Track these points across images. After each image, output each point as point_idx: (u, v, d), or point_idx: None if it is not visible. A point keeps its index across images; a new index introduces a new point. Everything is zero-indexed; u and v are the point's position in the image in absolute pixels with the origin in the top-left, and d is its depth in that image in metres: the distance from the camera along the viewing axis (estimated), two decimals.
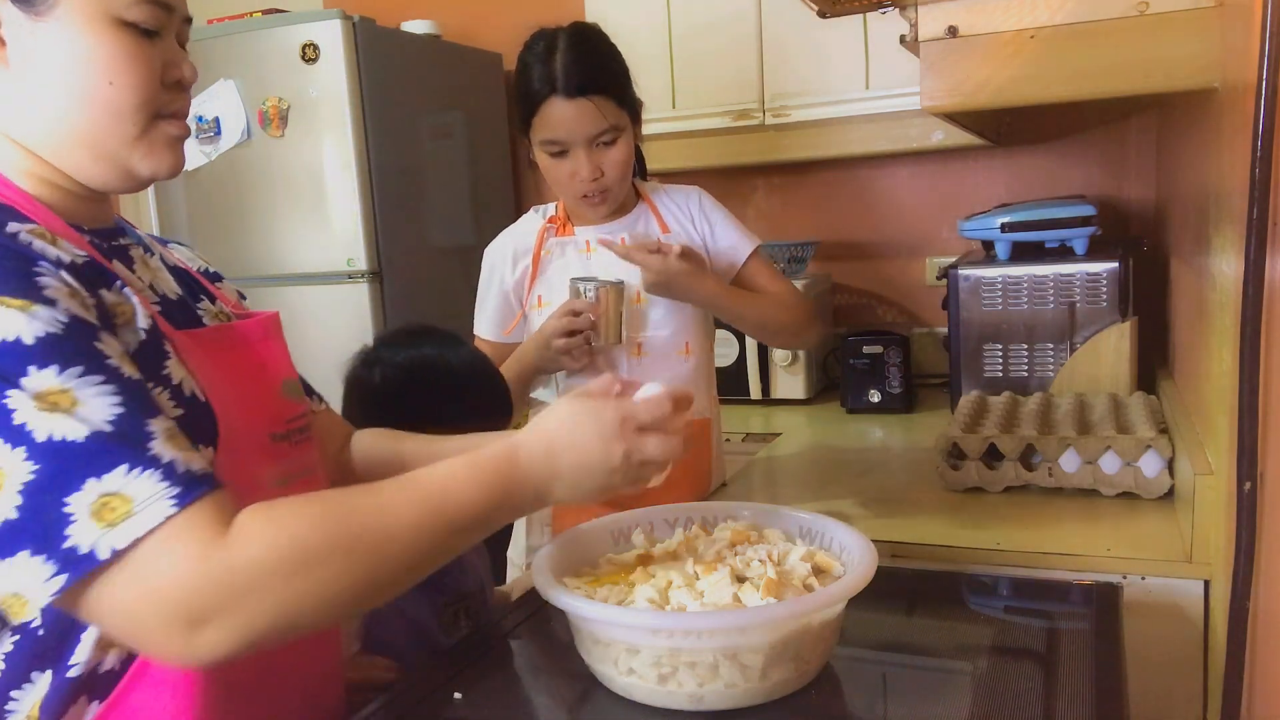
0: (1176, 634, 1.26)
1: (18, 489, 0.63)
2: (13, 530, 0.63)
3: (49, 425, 0.64)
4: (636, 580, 0.92)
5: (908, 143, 2.20)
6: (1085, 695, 0.85)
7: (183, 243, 1.04)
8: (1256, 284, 0.98)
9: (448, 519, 0.78)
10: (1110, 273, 1.83)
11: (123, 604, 0.65)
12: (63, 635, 0.75)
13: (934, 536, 1.38)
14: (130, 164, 0.81)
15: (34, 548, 0.63)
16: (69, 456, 0.64)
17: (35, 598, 0.64)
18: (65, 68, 0.76)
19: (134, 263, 0.86)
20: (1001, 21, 1.26)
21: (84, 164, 0.80)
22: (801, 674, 0.87)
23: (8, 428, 0.64)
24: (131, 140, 0.80)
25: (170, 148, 0.82)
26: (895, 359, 2.20)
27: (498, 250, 1.61)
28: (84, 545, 0.63)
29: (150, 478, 0.65)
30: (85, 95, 0.77)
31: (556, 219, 1.59)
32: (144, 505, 0.64)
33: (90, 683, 0.77)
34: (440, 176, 2.63)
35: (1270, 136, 0.95)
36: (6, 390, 0.64)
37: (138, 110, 0.79)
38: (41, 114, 0.78)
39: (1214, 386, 1.21)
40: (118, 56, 0.77)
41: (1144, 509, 1.44)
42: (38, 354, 0.66)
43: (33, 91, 0.77)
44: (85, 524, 0.63)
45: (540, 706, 0.95)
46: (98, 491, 0.64)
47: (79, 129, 0.78)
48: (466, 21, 2.83)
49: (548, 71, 1.42)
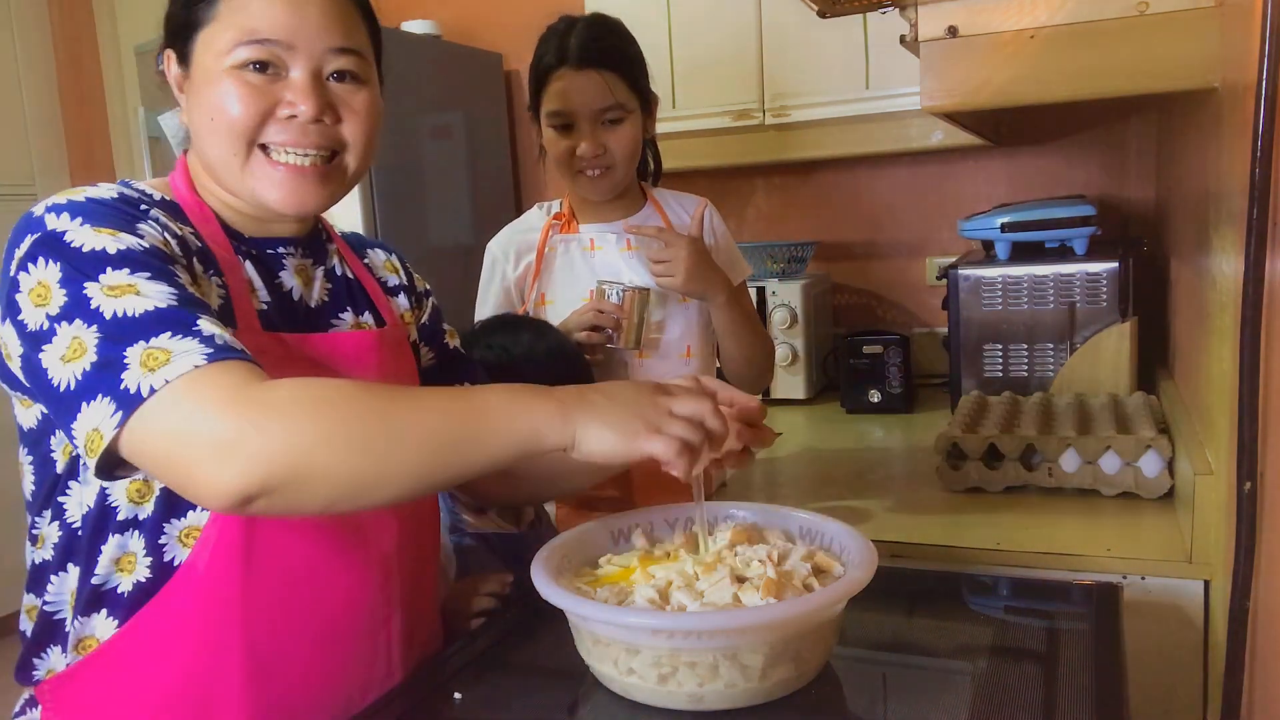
0: (1176, 634, 1.26)
1: (93, 349, 0.77)
2: (90, 379, 0.77)
3: (114, 305, 0.78)
4: (636, 580, 0.92)
5: (908, 143, 2.20)
6: (1085, 695, 0.85)
7: (388, 249, 1.16)
8: (1256, 284, 0.98)
9: (471, 407, 0.80)
10: (1110, 273, 1.83)
11: (162, 441, 0.75)
12: (92, 539, 0.88)
13: (934, 536, 1.38)
14: (250, 191, 0.93)
15: (104, 391, 0.76)
16: (128, 325, 0.77)
17: (106, 431, 0.75)
18: (195, 110, 0.93)
19: (284, 269, 0.98)
20: (1001, 21, 1.26)
21: (225, 187, 0.95)
22: (801, 674, 0.87)
23: (85, 310, 0.78)
24: (239, 170, 0.92)
25: (276, 180, 0.92)
26: (895, 359, 2.20)
27: (500, 246, 1.61)
28: (133, 386, 0.75)
29: (190, 340, 0.77)
30: (201, 132, 0.93)
31: (561, 215, 1.58)
32: (179, 356, 0.76)
33: (106, 597, 0.88)
34: (440, 176, 2.62)
35: (1270, 136, 0.95)
36: (85, 284, 0.79)
37: (233, 142, 0.91)
38: (197, 148, 0.96)
39: (1214, 386, 1.21)
40: (217, 97, 0.90)
41: (1144, 509, 1.44)
42: (115, 260, 0.81)
43: (193, 131, 0.95)
44: (135, 370, 0.75)
45: (540, 706, 0.95)
46: (145, 348, 0.76)
47: (207, 159, 0.94)
48: (466, 21, 2.83)
49: (561, 45, 1.44)
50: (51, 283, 0.80)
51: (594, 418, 0.80)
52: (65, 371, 0.78)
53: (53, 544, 0.90)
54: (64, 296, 0.79)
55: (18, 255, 0.83)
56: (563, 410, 0.80)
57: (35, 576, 0.92)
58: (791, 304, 2.30)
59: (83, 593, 0.89)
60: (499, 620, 1.13)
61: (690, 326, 1.57)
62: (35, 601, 0.92)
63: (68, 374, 0.78)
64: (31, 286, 0.81)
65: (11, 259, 0.83)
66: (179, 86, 0.96)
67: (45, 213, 0.84)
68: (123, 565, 0.88)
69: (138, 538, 0.88)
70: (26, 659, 0.92)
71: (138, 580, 0.88)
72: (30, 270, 0.81)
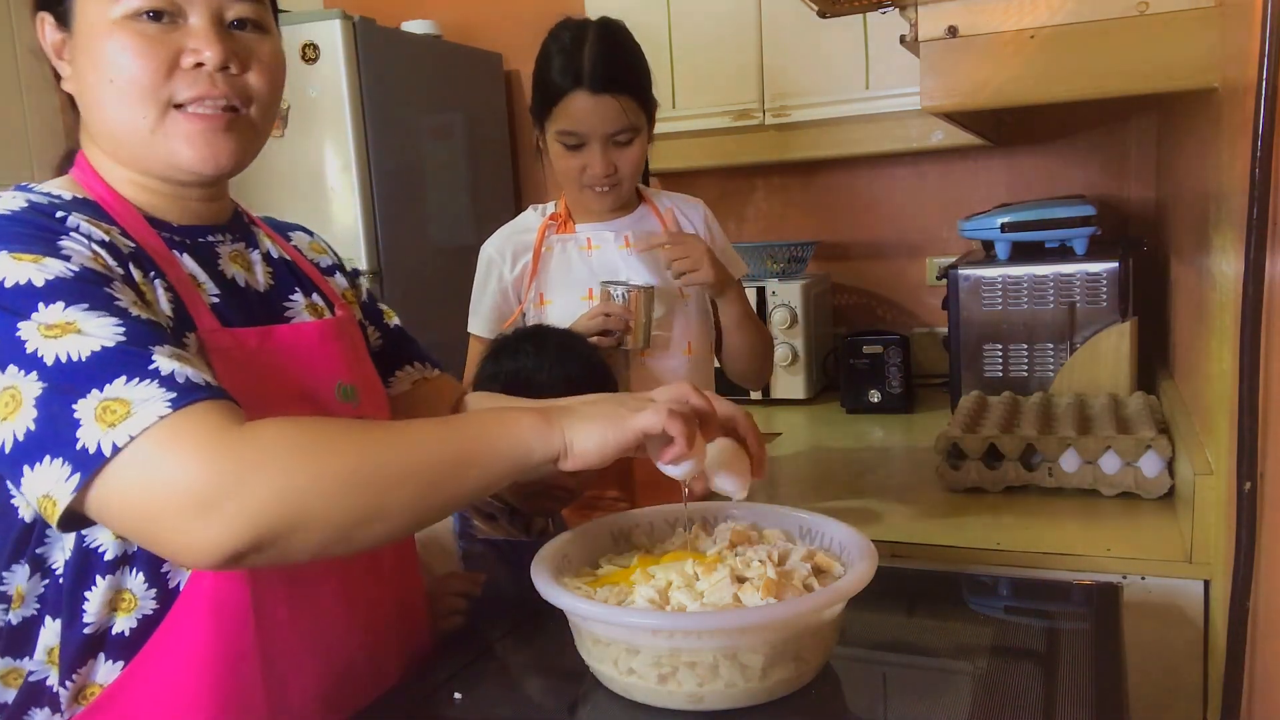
0: (1176, 634, 1.26)
1: (32, 404, 0.69)
2: (35, 440, 0.69)
3: (55, 348, 0.70)
4: (636, 580, 0.92)
5: (908, 143, 2.20)
6: (1085, 695, 0.85)
7: (307, 231, 1.09)
8: (1256, 284, 0.98)
9: (460, 436, 0.77)
10: (1110, 273, 1.83)
11: (133, 501, 0.69)
12: (75, 587, 0.80)
13: (934, 536, 1.38)
14: (165, 155, 0.84)
15: (52, 452, 0.68)
16: (74, 372, 0.69)
17: (60, 497, 0.68)
18: (85, 74, 0.82)
19: (219, 258, 0.91)
20: (1001, 21, 1.26)
21: (132, 160, 0.85)
22: (801, 674, 0.87)
23: (20, 355, 0.70)
24: (148, 133, 0.82)
25: (200, 138, 0.83)
26: (895, 359, 2.20)
27: (495, 247, 1.61)
28: (90, 445, 0.67)
29: (148, 385, 0.69)
30: (98, 97, 0.82)
31: (558, 216, 1.59)
32: (140, 406, 0.68)
33: (103, 642, 0.81)
34: (440, 176, 2.62)
35: (1270, 136, 0.95)
36: (18, 324, 0.70)
37: (141, 102, 0.81)
38: (90, 122, 0.85)
39: (1214, 386, 1.21)
40: (113, 53, 0.80)
41: (1144, 509, 1.44)
42: (45, 293, 0.72)
43: (82, 103, 0.85)
44: (90, 426, 0.68)
45: (540, 706, 0.95)
46: (99, 399, 0.68)
47: (108, 128, 0.84)
48: (466, 21, 2.83)
49: (574, 63, 1.42)
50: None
51: (578, 419, 0.80)
52: (1, 430, 0.69)
53: (36, 597, 0.82)
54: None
55: None
56: (546, 421, 0.79)
57: (14, 639, 0.82)
58: (791, 304, 2.30)
59: (70, 645, 0.81)
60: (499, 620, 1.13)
61: (689, 323, 1.57)
62: (14, 665, 0.83)
63: (4, 433, 0.69)
64: None
65: None
66: (58, 53, 0.84)
67: None
68: (117, 605, 0.81)
69: (134, 574, 0.81)
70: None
71: (142, 615, 0.82)
72: None
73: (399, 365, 1.11)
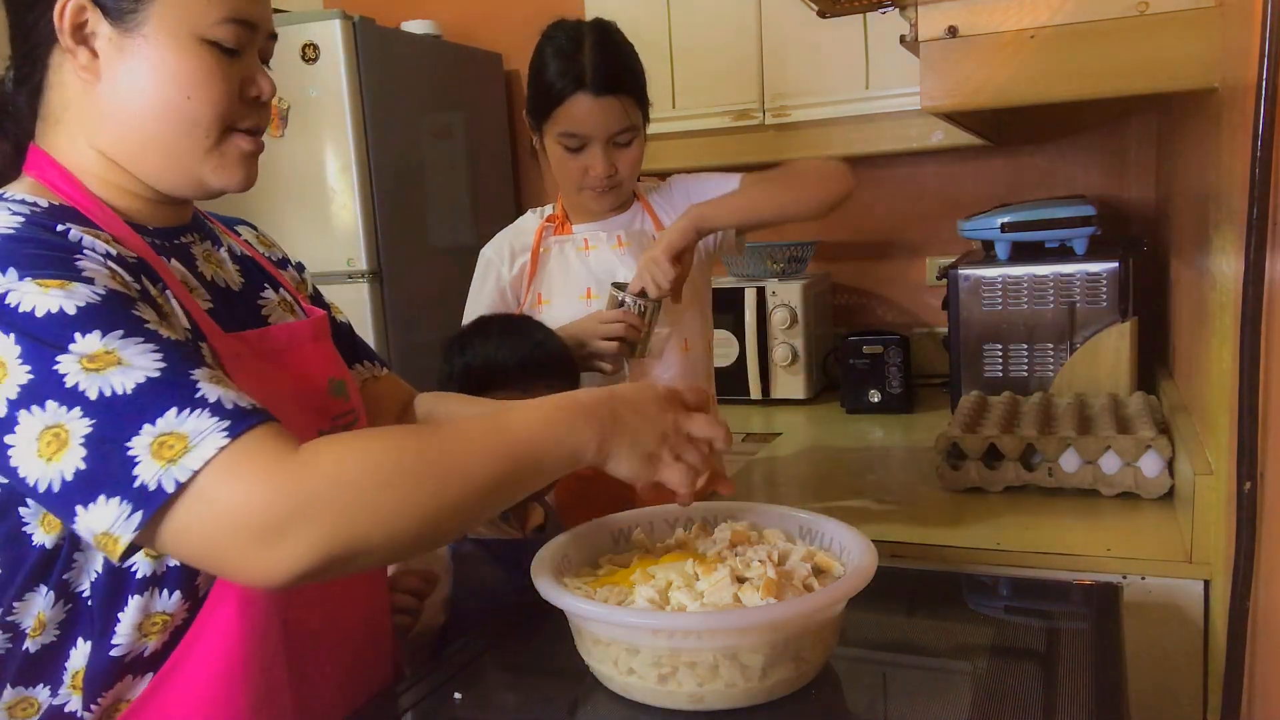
0: (1176, 634, 1.26)
1: (80, 443, 0.67)
2: (87, 479, 0.67)
3: (98, 383, 0.68)
4: (636, 580, 0.92)
5: (908, 143, 2.20)
6: (1085, 695, 0.85)
7: (250, 224, 1.07)
8: (1256, 284, 0.97)
9: (514, 450, 0.78)
10: (1110, 273, 1.83)
11: (200, 534, 0.68)
12: (107, 610, 0.79)
13: (934, 536, 1.38)
14: (202, 175, 0.85)
15: (109, 491, 0.67)
16: (121, 407, 0.68)
17: (123, 535, 0.67)
18: (148, 81, 0.81)
19: (195, 260, 0.90)
20: (1001, 21, 1.26)
21: (159, 172, 0.85)
22: (801, 674, 0.87)
23: (61, 390, 0.68)
24: (204, 152, 0.84)
25: (242, 162, 0.87)
26: (895, 359, 2.20)
27: (494, 249, 1.61)
28: (151, 483, 0.66)
29: (200, 416, 0.68)
30: (165, 107, 0.82)
31: (555, 217, 1.59)
32: (198, 439, 0.67)
33: (134, 664, 0.81)
34: (440, 176, 2.62)
35: (1270, 136, 0.95)
36: (56, 357, 0.68)
37: (212, 124, 0.84)
38: (124, 123, 0.83)
39: (1214, 386, 1.21)
40: (197, 72, 0.82)
41: (1144, 509, 1.44)
42: (80, 322, 0.70)
43: (118, 102, 0.82)
44: (148, 463, 0.67)
45: (540, 706, 0.95)
46: (153, 434, 0.67)
47: (157, 139, 0.83)
48: (466, 21, 2.83)
49: (574, 66, 1.42)
50: (8, 358, 0.68)
51: (625, 444, 0.84)
52: (45, 470, 0.67)
53: (58, 623, 0.79)
54: (28, 374, 0.68)
55: None
56: (600, 436, 0.83)
57: (30, 668, 0.80)
58: (791, 304, 2.30)
59: (97, 667, 0.79)
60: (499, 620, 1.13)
61: (684, 321, 1.56)
62: (25, 694, 0.80)
63: (51, 473, 0.67)
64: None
65: None
66: (87, 41, 0.81)
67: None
68: (148, 630, 0.80)
69: (165, 594, 0.80)
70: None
71: (175, 629, 0.81)
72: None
73: (351, 363, 1.10)
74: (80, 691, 0.80)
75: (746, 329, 2.33)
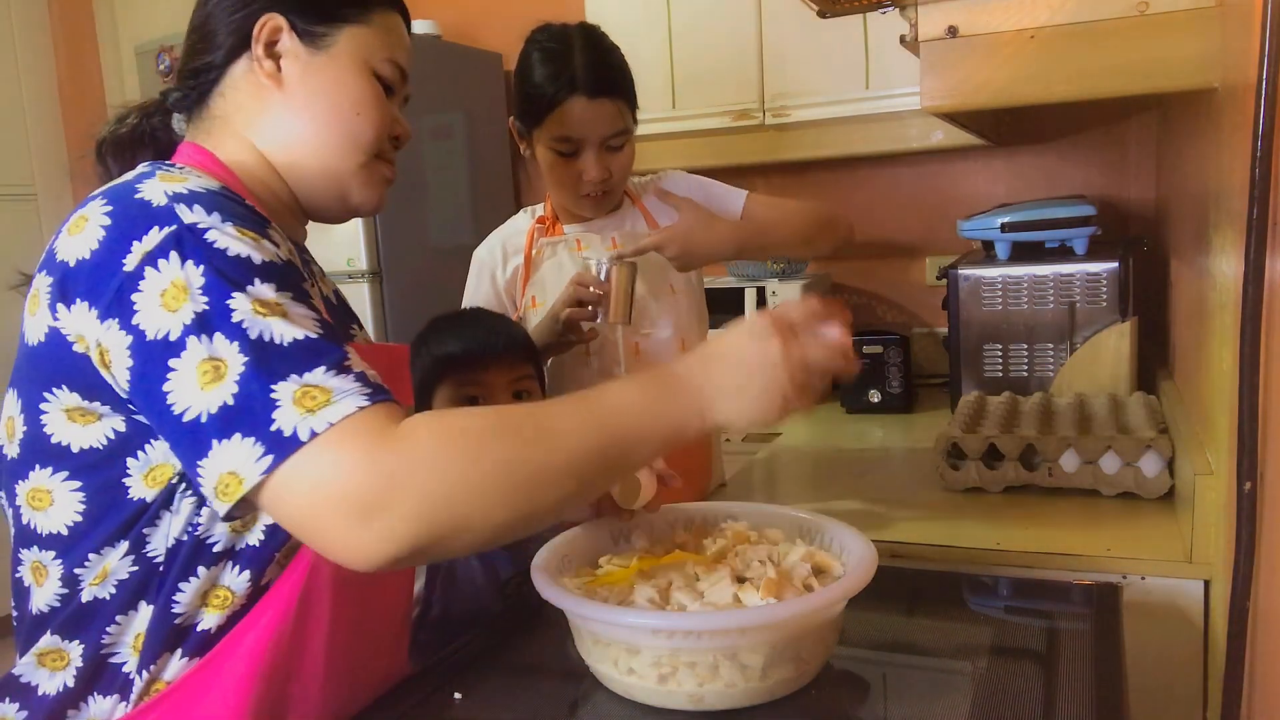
0: (1176, 634, 1.26)
1: (235, 378, 0.69)
2: (230, 414, 0.69)
3: (261, 326, 0.71)
4: (636, 580, 0.92)
5: (908, 143, 2.20)
6: (1085, 695, 0.85)
7: None
8: (1256, 284, 0.97)
9: (613, 424, 0.76)
10: (1110, 273, 1.83)
11: (302, 496, 0.69)
12: (179, 573, 0.80)
13: (934, 536, 1.38)
14: (349, 189, 0.94)
15: (245, 430, 0.68)
16: (277, 354, 0.70)
17: (249, 477, 0.68)
18: (327, 94, 0.91)
19: (315, 277, 0.98)
20: (1001, 21, 1.26)
21: (312, 178, 0.93)
22: (801, 674, 0.87)
23: (228, 324, 0.70)
24: (356, 168, 0.93)
25: (381, 186, 0.97)
26: (895, 359, 2.20)
27: (487, 250, 1.61)
28: (287, 428, 0.68)
29: (346, 378, 0.71)
30: (336, 119, 0.91)
31: (545, 219, 1.59)
32: (342, 396, 0.69)
33: (186, 635, 0.81)
34: (440, 176, 2.62)
35: (1270, 136, 0.95)
36: (232, 293, 0.72)
37: (371, 143, 0.93)
38: (294, 130, 0.91)
39: (1214, 386, 1.21)
40: (369, 95, 0.92)
41: (1144, 509, 1.44)
42: (262, 271, 0.74)
43: (294, 110, 0.90)
44: (289, 409, 0.68)
45: (540, 706, 0.95)
46: (300, 383, 0.69)
47: (321, 146, 0.91)
48: (466, 21, 2.83)
49: (566, 70, 1.40)
50: (192, 286, 0.71)
51: (730, 402, 0.80)
52: (197, 399, 0.69)
53: (118, 580, 0.80)
54: (205, 304, 0.71)
55: (140, 250, 0.72)
56: (699, 403, 0.79)
57: (78, 620, 0.81)
58: None
59: (159, 632, 0.80)
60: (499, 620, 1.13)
61: (681, 317, 1.56)
62: (60, 646, 0.81)
63: (201, 402, 0.69)
64: (163, 287, 0.71)
65: (127, 252, 0.73)
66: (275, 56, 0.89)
67: (170, 202, 0.75)
68: (211, 601, 0.81)
69: (235, 570, 0.81)
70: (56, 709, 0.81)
71: (232, 612, 0.82)
72: (161, 267, 0.72)
73: None
74: (138, 654, 0.81)
75: None
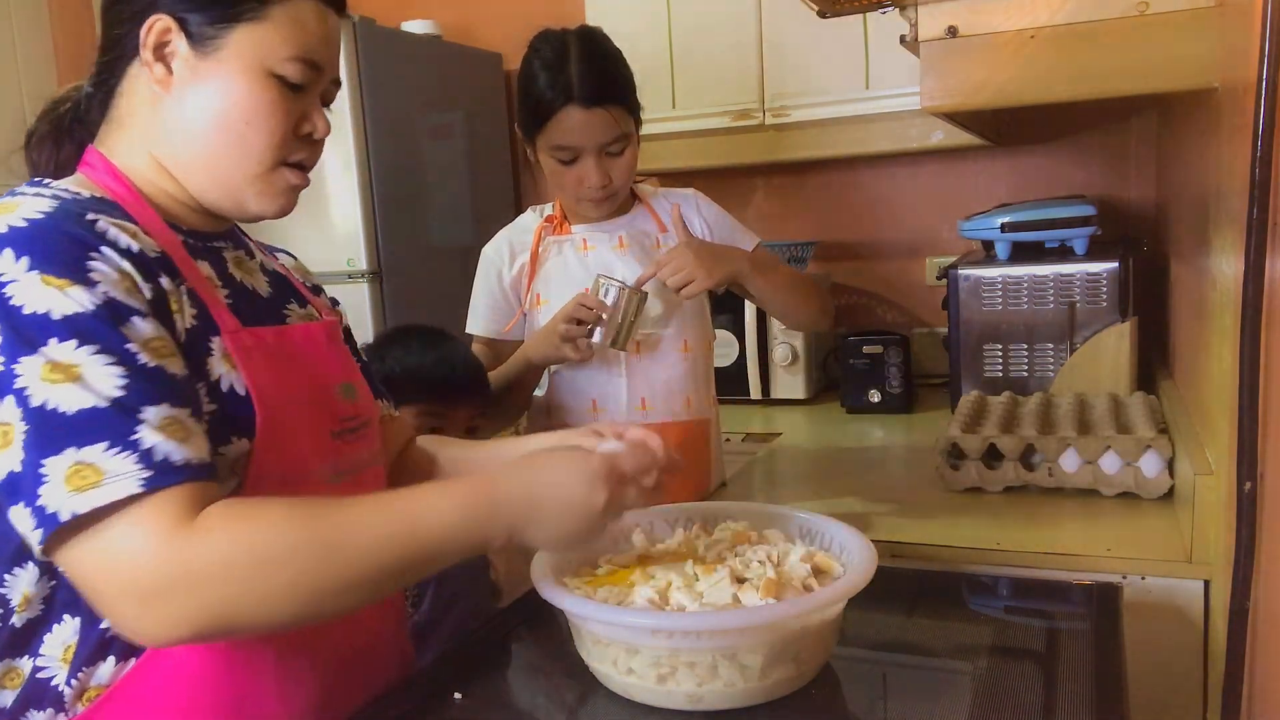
0: (1176, 634, 1.26)
1: (19, 444, 0.70)
2: (13, 481, 0.70)
3: (46, 393, 0.70)
4: (636, 580, 0.92)
5: (908, 143, 2.20)
6: (1085, 695, 0.85)
7: (290, 254, 1.11)
8: (1256, 284, 0.98)
9: (416, 539, 0.78)
10: (1110, 273, 1.83)
11: (86, 569, 0.71)
12: None
13: (934, 536, 1.38)
14: (245, 198, 0.89)
15: (25, 500, 0.69)
16: (56, 424, 0.69)
17: (34, 544, 0.70)
18: (213, 103, 0.85)
19: (226, 264, 0.93)
20: (1001, 21, 1.26)
21: (205, 187, 0.88)
22: (801, 674, 0.87)
23: (12, 389, 0.70)
24: (252, 177, 0.88)
25: (284, 194, 0.90)
26: (895, 359, 2.20)
27: (494, 248, 1.61)
28: (50, 505, 0.68)
29: (126, 458, 0.70)
30: (224, 129, 0.86)
31: (554, 218, 1.59)
32: (112, 479, 0.69)
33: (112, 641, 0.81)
34: (440, 176, 2.62)
35: (1270, 136, 0.95)
36: (20, 357, 0.70)
37: (264, 153, 0.87)
38: (183, 137, 0.87)
39: (1214, 386, 1.21)
40: (260, 103, 0.86)
41: (1144, 509, 1.44)
42: (62, 328, 0.71)
43: (182, 117, 0.86)
44: (56, 486, 0.68)
45: (540, 706, 0.95)
46: (74, 459, 0.69)
47: (210, 157, 0.87)
48: (466, 21, 2.83)
49: (562, 79, 1.40)
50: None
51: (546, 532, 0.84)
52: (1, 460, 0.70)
53: (42, 599, 0.81)
54: None
55: None
56: (511, 528, 0.83)
57: (15, 640, 0.82)
58: None
59: (87, 643, 0.81)
60: (499, 620, 1.13)
61: (686, 322, 1.57)
62: (13, 664, 0.83)
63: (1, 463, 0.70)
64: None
65: None
66: (165, 59, 0.85)
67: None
68: None
69: None
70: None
71: None
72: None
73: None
74: (68, 666, 0.82)
75: (746, 329, 2.33)
